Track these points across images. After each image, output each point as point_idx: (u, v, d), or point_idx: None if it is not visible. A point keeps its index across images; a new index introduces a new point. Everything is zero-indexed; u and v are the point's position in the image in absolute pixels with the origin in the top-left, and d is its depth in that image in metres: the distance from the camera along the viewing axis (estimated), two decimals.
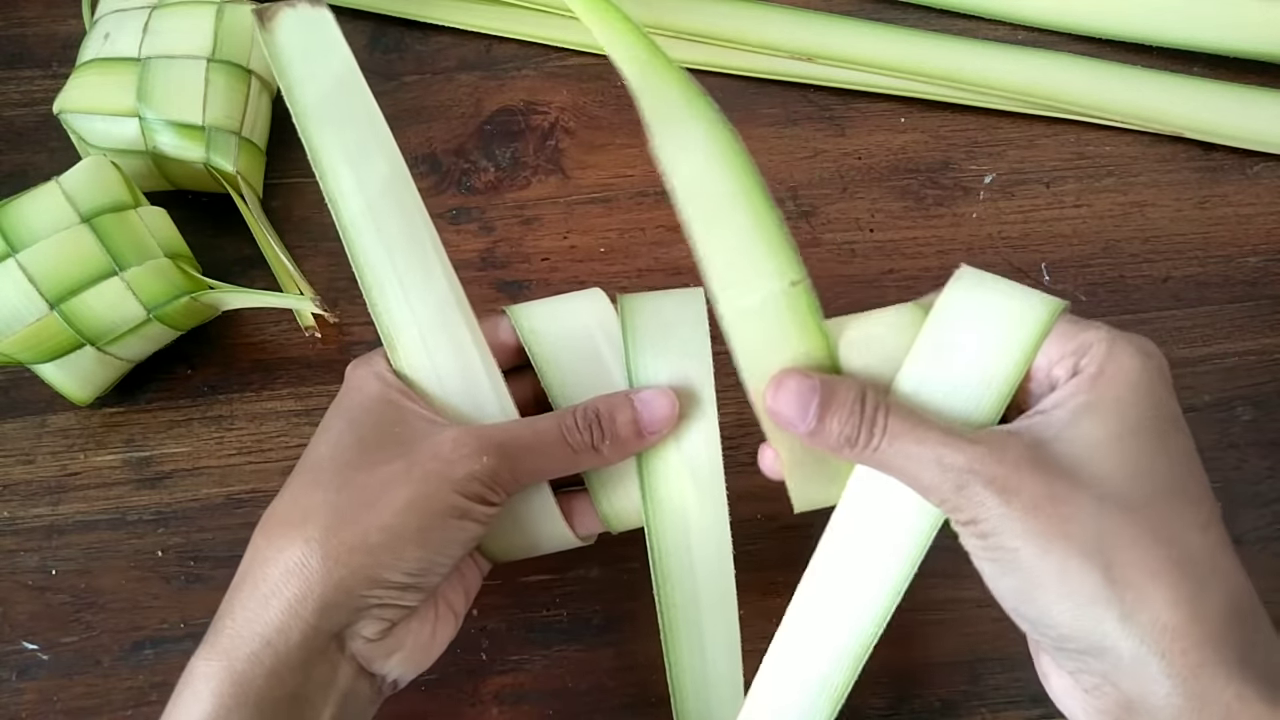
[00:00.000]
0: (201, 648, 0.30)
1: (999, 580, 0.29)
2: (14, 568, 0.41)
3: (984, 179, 0.50)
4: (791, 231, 0.48)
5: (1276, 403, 0.45)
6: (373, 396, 0.33)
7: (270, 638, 0.30)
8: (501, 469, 0.32)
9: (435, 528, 0.31)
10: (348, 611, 0.30)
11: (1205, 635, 0.26)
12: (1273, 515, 0.43)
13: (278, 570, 0.30)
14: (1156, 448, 0.29)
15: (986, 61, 0.52)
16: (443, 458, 0.31)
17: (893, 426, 0.30)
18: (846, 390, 0.31)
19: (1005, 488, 0.28)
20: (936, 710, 0.39)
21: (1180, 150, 0.51)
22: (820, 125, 0.51)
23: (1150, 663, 0.26)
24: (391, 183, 0.35)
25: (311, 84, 0.35)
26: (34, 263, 0.39)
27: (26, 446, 0.44)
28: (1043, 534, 0.27)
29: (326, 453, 0.33)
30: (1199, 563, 0.27)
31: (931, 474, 0.29)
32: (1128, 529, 0.27)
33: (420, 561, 0.31)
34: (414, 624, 0.33)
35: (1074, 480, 0.28)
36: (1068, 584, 0.27)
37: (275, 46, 0.34)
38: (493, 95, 0.52)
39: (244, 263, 0.47)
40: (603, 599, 0.40)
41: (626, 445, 0.34)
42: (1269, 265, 0.48)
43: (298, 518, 0.31)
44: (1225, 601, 0.27)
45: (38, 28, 0.53)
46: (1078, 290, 0.47)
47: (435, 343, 0.35)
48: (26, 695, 0.39)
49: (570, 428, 0.33)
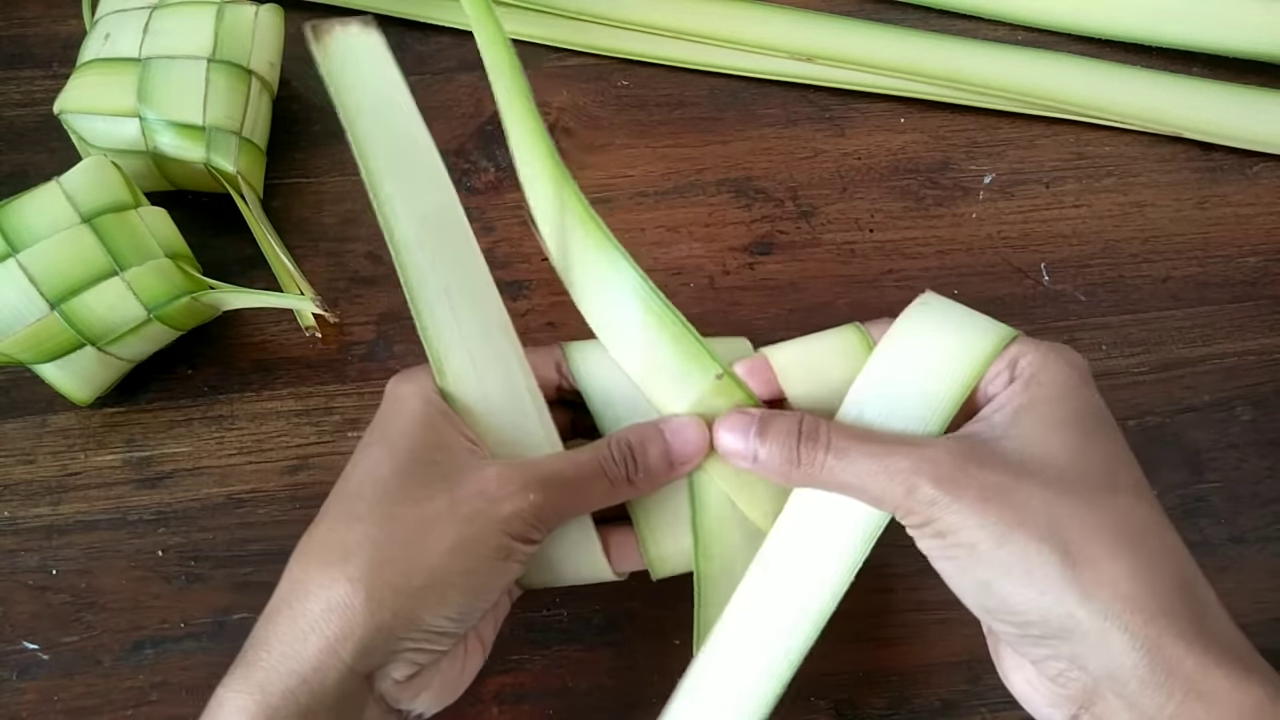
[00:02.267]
0: (232, 677, 0.30)
1: (960, 578, 0.30)
2: (14, 567, 0.41)
3: (984, 179, 0.50)
4: (792, 232, 0.48)
5: (1276, 402, 0.45)
6: (415, 418, 0.33)
7: (307, 675, 0.29)
8: (546, 506, 0.32)
9: (480, 570, 0.31)
10: (383, 654, 0.30)
11: (1161, 607, 0.27)
12: (1272, 515, 0.43)
13: (318, 606, 0.30)
14: (1089, 437, 0.30)
15: (986, 62, 0.52)
16: (488, 496, 0.31)
17: (836, 442, 0.31)
18: (783, 418, 0.32)
19: (955, 484, 0.29)
20: (936, 710, 0.40)
21: (1180, 150, 0.51)
22: (820, 125, 0.51)
23: (1114, 637, 0.27)
24: (442, 205, 0.35)
25: (363, 103, 0.35)
26: (34, 263, 0.39)
27: (27, 446, 0.44)
28: (998, 523, 0.28)
29: (366, 481, 0.32)
30: (1146, 538, 0.29)
31: (880, 482, 0.30)
32: (1078, 511, 0.28)
33: (462, 606, 0.31)
34: (444, 663, 0.32)
35: (1020, 471, 0.29)
36: (1028, 569, 0.28)
37: (327, 63, 0.35)
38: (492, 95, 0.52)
39: (244, 263, 0.47)
40: (603, 599, 0.40)
41: (658, 476, 0.34)
42: (1268, 265, 0.48)
43: (339, 553, 0.30)
44: (1175, 573, 0.28)
45: (38, 28, 0.53)
46: (1077, 290, 0.47)
47: (485, 367, 0.35)
48: (27, 695, 0.39)
49: (607, 459, 0.33)
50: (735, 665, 0.33)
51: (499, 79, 0.37)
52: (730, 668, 0.33)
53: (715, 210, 0.49)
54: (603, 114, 0.52)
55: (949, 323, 0.34)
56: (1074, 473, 0.29)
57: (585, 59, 0.53)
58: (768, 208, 0.49)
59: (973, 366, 0.32)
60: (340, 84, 0.35)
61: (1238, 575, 0.42)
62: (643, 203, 0.49)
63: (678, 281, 0.47)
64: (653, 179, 0.50)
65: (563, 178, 0.36)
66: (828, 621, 0.33)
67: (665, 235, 0.48)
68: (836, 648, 0.38)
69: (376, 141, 0.35)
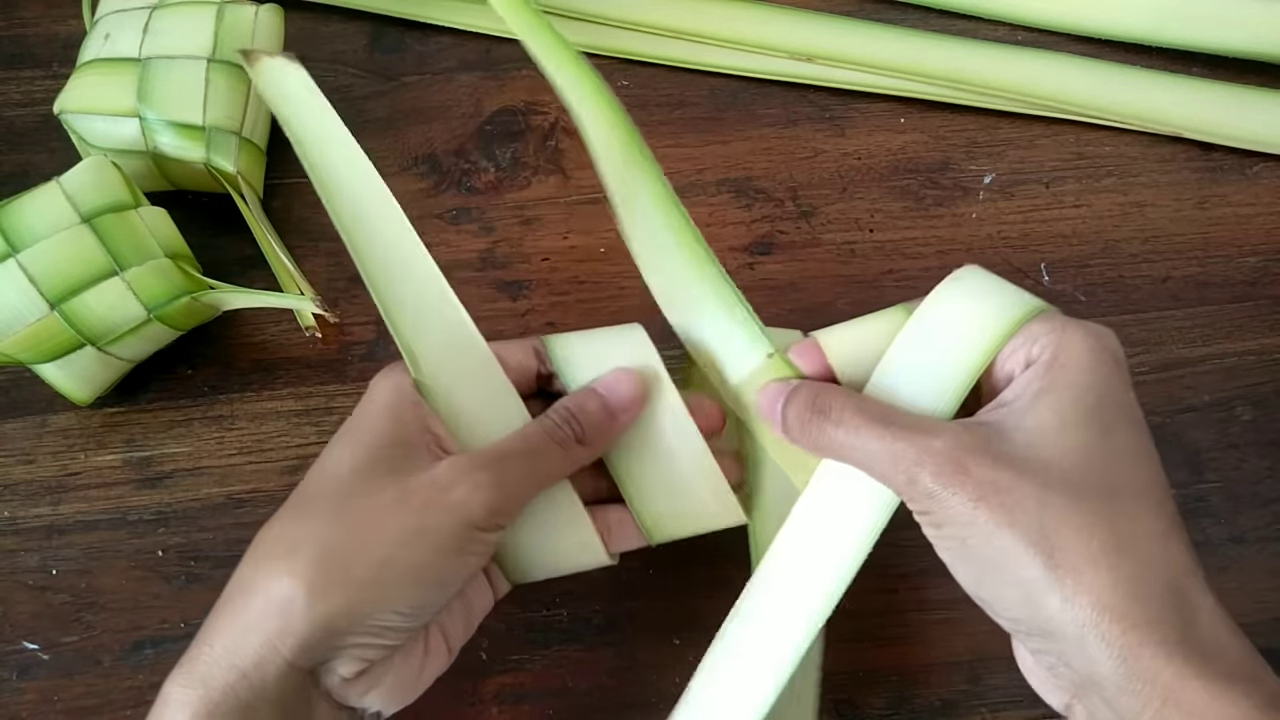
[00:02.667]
0: (178, 670, 0.30)
1: (957, 567, 0.30)
2: (14, 568, 0.41)
3: (984, 179, 0.50)
4: (792, 232, 0.48)
5: (1276, 402, 0.45)
6: (383, 412, 0.33)
7: (247, 670, 0.29)
8: (500, 485, 0.32)
9: (433, 563, 0.31)
10: (325, 650, 0.30)
11: (1145, 616, 0.27)
12: (1272, 515, 0.43)
13: (260, 601, 0.30)
14: (1105, 435, 0.30)
15: (986, 62, 0.52)
16: (438, 484, 0.31)
17: (847, 419, 0.31)
18: (806, 388, 0.33)
19: (952, 479, 0.29)
20: (936, 710, 0.40)
21: (1180, 150, 0.51)
22: (820, 125, 0.51)
23: (1092, 644, 0.27)
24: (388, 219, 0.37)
25: (297, 121, 0.37)
26: (34, 263, 0.39)
27: (27, 446, 0.44)
28: (989, 522, 0.28)
29: (324, 480, 0.32)
30: (1141, 547, 0.28)
31: (885, 466, 0.31)
32: (1070, 516, 0.28)
33: (410, 601, 0.31)
34: (396, 660, 0.32)
35: (1020, 469, 0.29)
36: (1014, 570, 0.28)
37: (261, 87, 0.37)
38: (493, 95, 0.52)
39: (244, 263, 0.47)
40: (603, 599, 0.40)
41: (603, 429, 0.34)
42: (1268, 265, 0.48)
43: (285, 549, 0.30)
44: (1165, 581, 0.28)
45: (38, 28, 0.53)
46: (1077, 290, 0.47)
47: (456, 363, 0.35)
48: (27, 695, 0.39)
49: (552, 427, 0.34)
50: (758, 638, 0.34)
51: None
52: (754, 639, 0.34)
53: (715, 210, 0.49)
54: None
55: (973, 297, 0.33)
56: (1077, 473, 0.29)
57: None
58: (768, 208, 0.49)
59: (985, 344, 0.32)
60: (270, 98, 0.37)
61: (1238, 575, 0.42)
62: None
63: None
64: None
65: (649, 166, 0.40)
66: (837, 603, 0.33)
67: None
68: (837, 647, 0.38)
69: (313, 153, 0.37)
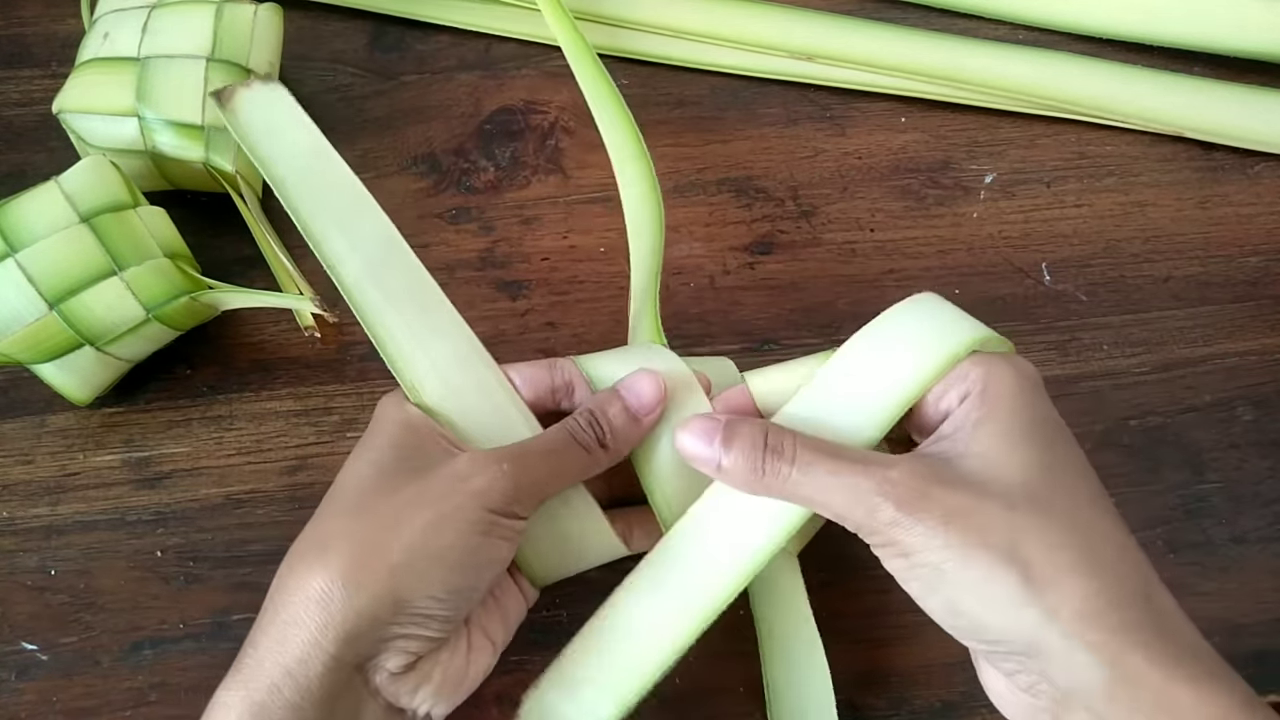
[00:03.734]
0: (226, 678, 0.30)
1: (928, 598, 0.30)
2: (13, 568, 0.41)
3: (985, 179, 0.50)
4: (792, 231, 0.48)
5: (1277, 402, 0.45)
6: (396, 425, 0.34)
7: (291, 668, 0.29)
8: (521, 476, 0.32)
9: (459, 546, 0.31)
10: (370, 642, 0.30)
11: (1125, 620, 0.28)
12: (1273, 515, 0.43)
13: (299, 599, 0.30)
14: (1048, 451, 0.31)
15: (987, 61, 0.52)
16: (460, 474, 0.32)
17: (802, 455, 0.31)
18: (748, 425, 0.32)
19: (917, 507, 0.29)
20: (936, 711, 0.39)
21: (1181, 150, 0.51)
22: (820, 125, 0.51)
23: (1078, 654, 0.27)
24: (382, 239, 0.36)
25: (283, 158, 0.36)
26: (33, 263, 0.39)
27: (26, 447, 0.43)
28: (961, 545, 0.28)
29: (347, 484, 0.33)
30: (1106, 551, 0.29)
31: (841, 500, 0.30)
32: (1038, 530, 0.28)
33: (446, 584, 0.31)
34: (443, 656, 0.32)
35: (980, 492, 0.29)
36: (990, 591, 0.28)
37: (239, 126, 0.36)
38: (492, 95, 0.52)
39: (243, 263, 0.47)
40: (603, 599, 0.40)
41: (626, 433, 0.35)
42: (1270, 265, 0.48)
43: (318, 547, 0.31)
44: (1135, 585, 0.29)
45: (37, 27, 0.53)
46: (1078, 290, 0.47)
47: (458, 383, 0.35)
48: (26, 696, 0.39)
49: (575, 428, 0.34)
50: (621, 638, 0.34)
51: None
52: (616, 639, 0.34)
53: (716, 210, 0.49)
54: None
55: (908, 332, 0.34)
56: (1034, 489, 0.29)
57: None
58: (768, 207, 0.49)
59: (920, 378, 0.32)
60: (250, 138, 0.36)
61: (1239, 575, 0.42)
62: None
63: (678, 281, 0.47)
64: None
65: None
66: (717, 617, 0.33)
67: (666, 235, 0.48)
68: (835, 648, 0.38)
69: (301, 190, 0.36)
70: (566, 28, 0.47)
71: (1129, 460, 0.44)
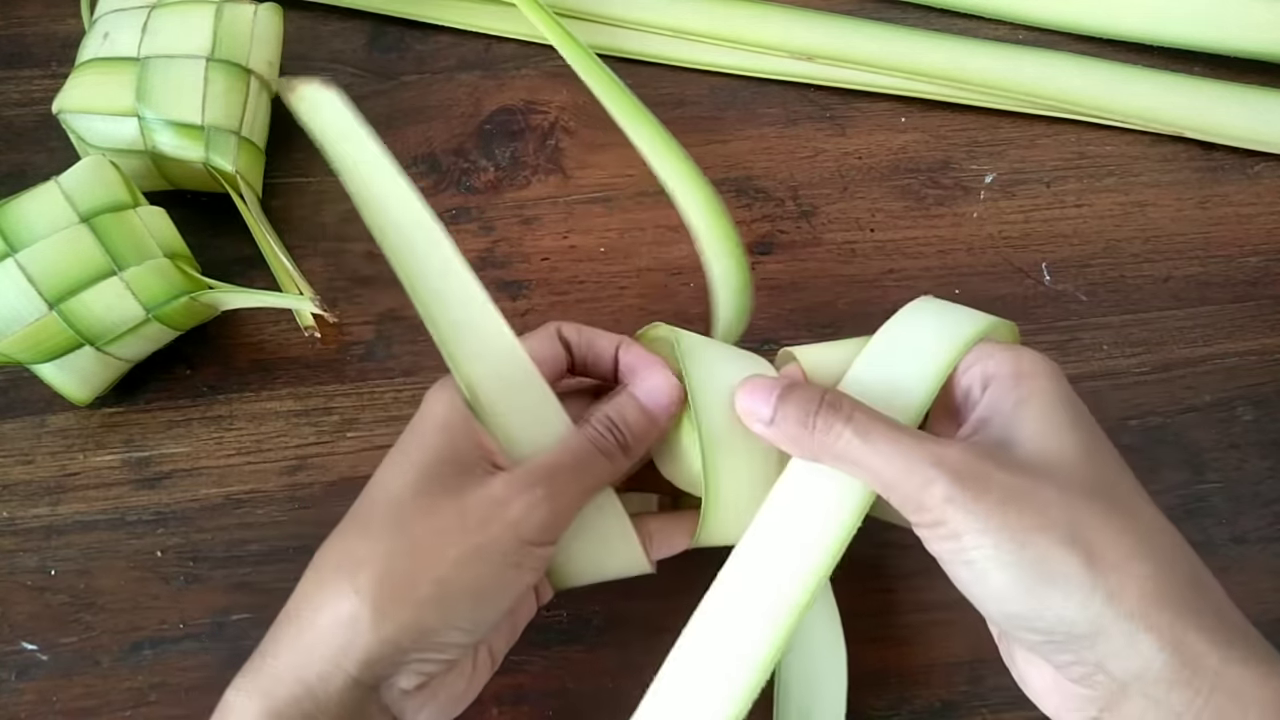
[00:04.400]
0: (241, 679, 0.30)
1: (978, 585, 0.29)
2: (13, 568, 0.41)
3: (985, 179, 0.50)
4: (792, 231, 0.48)
5: (1277, 403, 0.45)
6: (435, 428, 0.33)
7: (312, 684, 0.29)
8: (553, 499, 0.32)
9: (490, 579, 0.31)
10: (390, 665, 0.30)
11: (1183, 605, 0.27)
12: (1273, 515, 0.43)
13: (326, 618, 0.30)
14: (1093, 437, 0.31)
15: (987, 61, 0.52)
16: (495, 501, 0.31)
17: (859, 417, 0.31)
18: (805, 387, 0.32)
19: (975, 485, 0.29)
20: (937, 711, 0.39)
21: (1181, 150, 0.51)
22: (821, 125, 0.51)
23: (1141, 638, 0.27)
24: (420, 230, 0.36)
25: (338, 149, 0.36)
26: (33, 263, 0.39)
27: (25, 447, 0.43)
28: (1018, 528, 0.28)
29: (381, 496, 0.32)
30: (1159, 537, 0.29)
31: (896, 469, 0.30)
32: (1096, 514, 0.28)
33: (473, 617, 0.31)
34: (450, 676, 0.32)
35: (1036, 475, 0.29)
36: (1050, 573, 0.28)
37: (302, 116, 0.37)
38: (492, 95, 0.52)
39: (243, 263, 0.47)
40: (603, 599, 0.40)
41: (644, 432, 0.34)
42: (1270, 265, 0.48)
43: (349, 566, 0.31)
44: (1189, 570, 0.29)
45: (37, 27, 0.53)
46: (1079, 290, 0.47)
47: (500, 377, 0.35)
48: (25, 696, 0.39)
49: (594, 436, 0.34)
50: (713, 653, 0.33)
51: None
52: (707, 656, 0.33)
53: None
54: (603, 113, 0.51)
55: (926, 319, 0.34)
56: (1088, 476, 0.29)
57: None
58: (768, 207, 0.49)
59: (942, 360, 0.33)
60: (313, 128, 0.37)
61: (1240, 575, 0.42)
62: (643, 202, 0.49)
63: (678, 281, 0.47)
64: (653, 178, 0.49)
65: None
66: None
67: (665, 234, 0.48)
68: None
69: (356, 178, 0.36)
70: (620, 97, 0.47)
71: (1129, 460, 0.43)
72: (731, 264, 0.43)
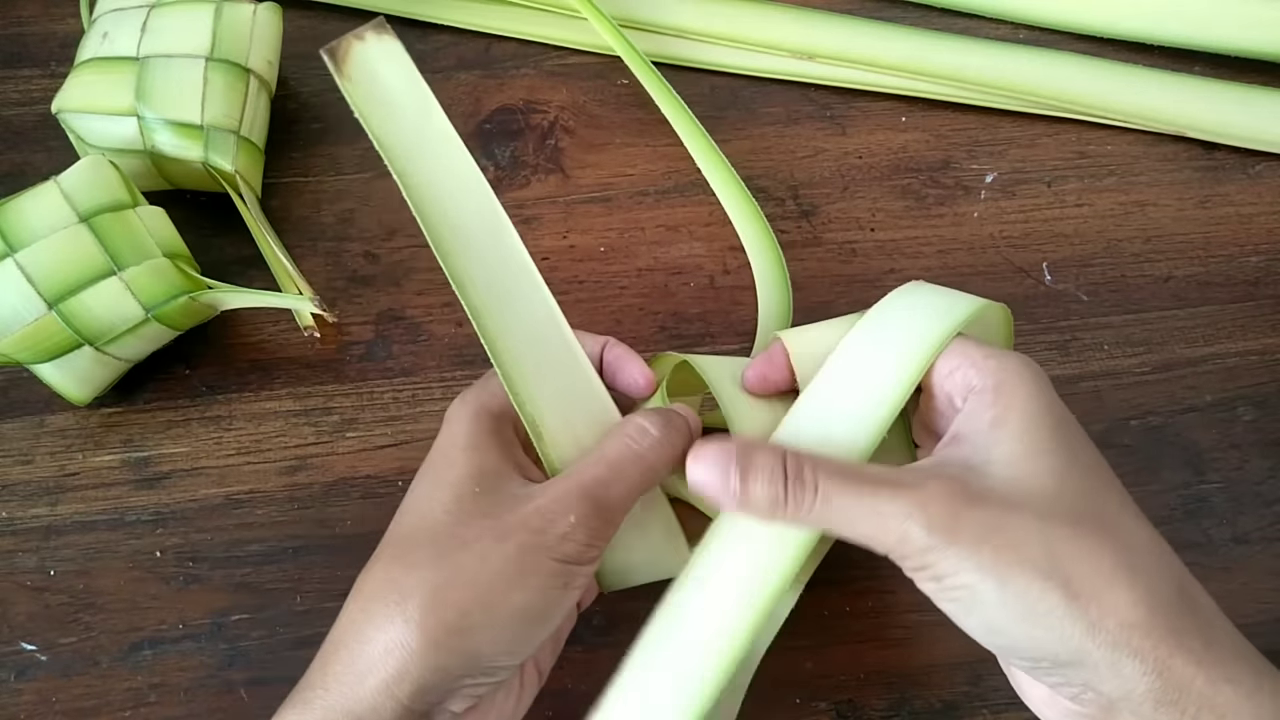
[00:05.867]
0: (288, 708, 0.30)
1: (965, 619, 0.29)
2: (12, 568, 0.41)
3: (985, 178, 0.50)
4: (793, 231, 0.48)
5: (1278, 403, 0.45)
6: (464, 443, 0.33)
7: (362, 715, 0.29)
8: (593, 518, 0.31)
9: (537, 602, 0.31)
10: (441, 692, 0.30)
11: (1169, 627, 0.27)
12: (1274, 516, 0.43)
13: (376, 648, 0.29)
14: (1071, 454, 0.30)
15: (988, 60, 0.52)
16: (534, 526, 0.31)
17: (824, 486, 0.30)
18: (766, 454, 0.31)
19: (947, 529, 0.28)
20: (938, 711, 0.39)
21: (1182, 150, 0.51)
22: (821, 124, 0.51)
23: (1125, 664, 0.27)
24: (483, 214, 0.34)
25: (395, 122, 0.34)
26: (32, 262, 0.39)
27: (25, 447, 0.43)
28: (996, 565, 0.28)
29: (418, 522, 0.32)
30: (1144, 556, 0.29)
31: (870, 526, 0.29)
32: (1074, 540, 0.28)
33: (520, 639, 0.31)
34: (499, 695, 0.32)
35: (1010, 504, 0.29)
36: (1031, 609, 0.28)
37: (353, 86, 0.33)
38: (492, 94, 0.52)
39: (243, 263, 0.47)
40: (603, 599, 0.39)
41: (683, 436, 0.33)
42: (1271, 265, 0.48)
43: (396, 595, 0.30)
44: (1173, 586, 0.28)
45: (36, 27, 0.53)
46: (1079, 290, 0.47)
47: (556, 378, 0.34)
48: (25, 696, 0.39)
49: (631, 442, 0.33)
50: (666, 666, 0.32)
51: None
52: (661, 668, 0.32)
53: (716, 209, 0.49)
54: (603, 113, 0.51)
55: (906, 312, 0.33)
56: (1064, 497, 0.29)
57: (585, 58, 0.53)
58: (768, 207, 0.49)
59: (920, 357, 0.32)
60: (363, 103, 0.33)
61: (1240, 575, 0.42)
62: (643, 202, 0.49)
63: (678, 281, 0.47)
64: (653, 178, 0.50)
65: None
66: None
67: (665, 234, 0.48)
68: (837, 649, 0.38)
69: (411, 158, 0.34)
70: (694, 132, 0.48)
71: (1129, 460, 0.44)
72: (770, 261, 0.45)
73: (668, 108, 0.49)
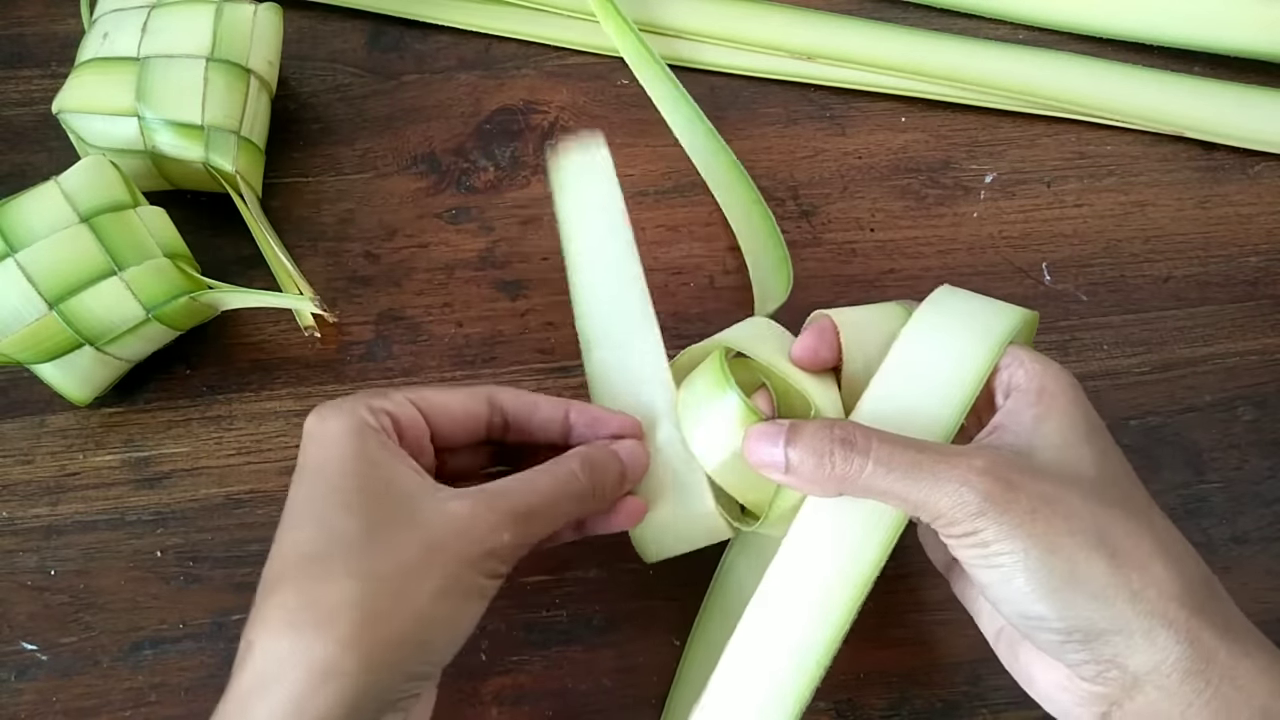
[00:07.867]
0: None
1: (1002, 586, 0.30)
2: (13, 568, 0.41)
3: (985, 178, 0.50)
4: (793, 231, 0.48)
5: (1277, 402, 0.45)
6: (352, 457, 0.32)
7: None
8: (519, 542, 0.32)
9: (462, 608, 0.31)
10: (377, 709, 0.29)
11: (1198, 602, 0.29)
12: (1274, 515, 0.43)
13: (304, 675, 0.28)
14: (1106, 454, 0.32)
15: (987, 61, 0.52)
16: (465, 536, 0.31)
17: (878, 448, 0.31)
18: (812, 424, 0.32)
19: (1003, 495, 0.29)
20: (938, 711, 0.39)
21: (1181, 150, 0.51)
22: (821, 125, 0.51)
23: (1160, 633, 0.29)
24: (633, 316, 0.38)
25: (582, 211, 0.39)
26: (33, 262, 0.39)
27: (25, 446, 0.43)
28: (1047, 535, 0.29)
29: (325, 538, 0.30)
30: (1172, 540, 0.31)
31: (923, 491, 0.30)
32: (1119, 519, 0.30)
33: (445, 648, 0.31)
34: (420, 704, 0.32)
35: (1060, 482, 0.30)
36: (1077, 575, 0.29)
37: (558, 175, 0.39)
38: (492, 94, 0.52)
39: (243, 263, 0.47)
40: (603, 599, 0.40)
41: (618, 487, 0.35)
42: (1270, 265, 0.48)
43: (322, 615, 0.29)
44: (1198, 572, 0.30)
45: (36, 27, 0.53)
46: (1079, 290, 0.47)
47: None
48: (25, 696, 0.39)
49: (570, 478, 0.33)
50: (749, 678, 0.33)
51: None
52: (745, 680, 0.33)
53: (716, 209, 0.49)
54: (602, 113, 0.51)
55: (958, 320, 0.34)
56: (1106, 485, 0.31)
57: (585, 58, 0.53)
58: (768, 207, 0.49)
59: (978, 367, 0.33)
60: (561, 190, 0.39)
61: (1240, 575, 0.42)
62: (643, 202, 0.49)
63: (678, 281, 0.47)
64: (653, 178, 0.50)
65: None
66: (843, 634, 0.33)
67: (665, 234, 0.48)
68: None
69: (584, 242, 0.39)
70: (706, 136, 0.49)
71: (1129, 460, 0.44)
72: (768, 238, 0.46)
73: (669, 106, 0.48)
